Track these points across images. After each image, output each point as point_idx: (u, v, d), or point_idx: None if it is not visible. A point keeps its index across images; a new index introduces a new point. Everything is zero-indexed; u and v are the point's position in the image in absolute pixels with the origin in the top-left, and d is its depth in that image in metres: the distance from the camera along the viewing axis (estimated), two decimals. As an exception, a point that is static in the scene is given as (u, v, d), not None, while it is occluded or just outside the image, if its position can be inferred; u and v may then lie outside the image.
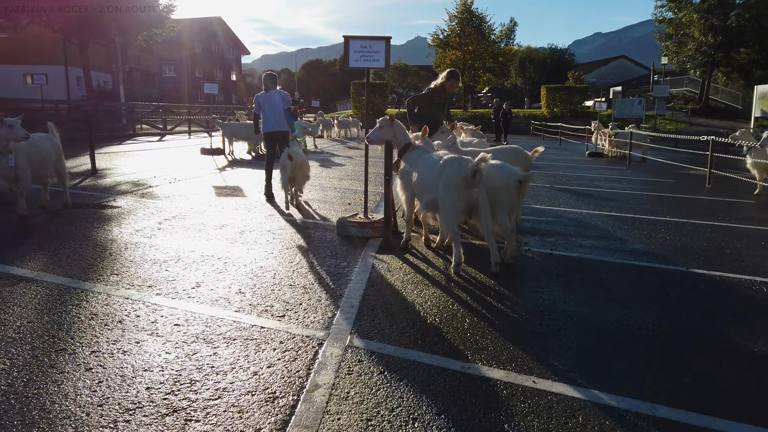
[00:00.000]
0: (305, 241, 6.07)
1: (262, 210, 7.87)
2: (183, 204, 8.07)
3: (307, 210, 8.01)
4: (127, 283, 4.45)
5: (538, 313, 4.08)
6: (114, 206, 7.73)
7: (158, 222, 6.81)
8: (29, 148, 6.85)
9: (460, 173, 4.84)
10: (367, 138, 6.03)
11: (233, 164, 14.03)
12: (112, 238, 5.92)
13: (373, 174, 12.07)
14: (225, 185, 10.21)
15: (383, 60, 6.26)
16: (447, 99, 7.55)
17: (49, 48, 33.61)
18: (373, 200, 8.87)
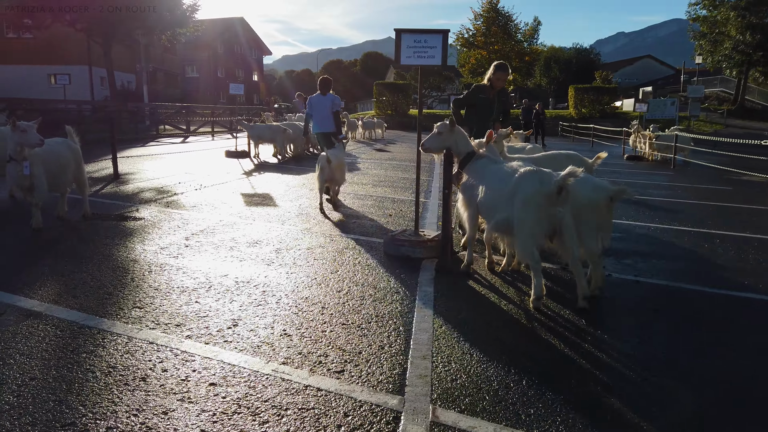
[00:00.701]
0: (350, 263, 5.33)
1: (297, 223, 7.17)
2: (211, 215, 7.41)
3: (346, 222, 7.29)
4: (151, 320, 3.76)
5: (655, 368, 3.30)
6: (137, 218, 7.09)
7: (185, 237, 6.14)
8: (46, 155, 6.24)
9: (542, 189, 4.07)
10: (422, 145, 5.28)
11: (260, 168, 13.39)
12: (135, 258, 5.26)
13: (405, 180, 11.36)
14: (254, 193, 9.54)
15: (440, 56, 5.50)
16: (497, 96, 6.79)
17: (73, 48, 33.49)
18: (412, 211, 8.12)
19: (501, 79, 6.71)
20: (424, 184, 11.22)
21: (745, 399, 2.97)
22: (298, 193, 9.65)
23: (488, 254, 5.25)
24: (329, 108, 9.32)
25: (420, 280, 4.86)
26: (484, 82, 6.90)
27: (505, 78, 6.72)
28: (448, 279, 4.90)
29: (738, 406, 2.90)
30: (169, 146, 19.24)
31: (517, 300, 4.44)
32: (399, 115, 44.97)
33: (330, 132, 9.32)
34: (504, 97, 6.95)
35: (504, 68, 6.71)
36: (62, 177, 6.52)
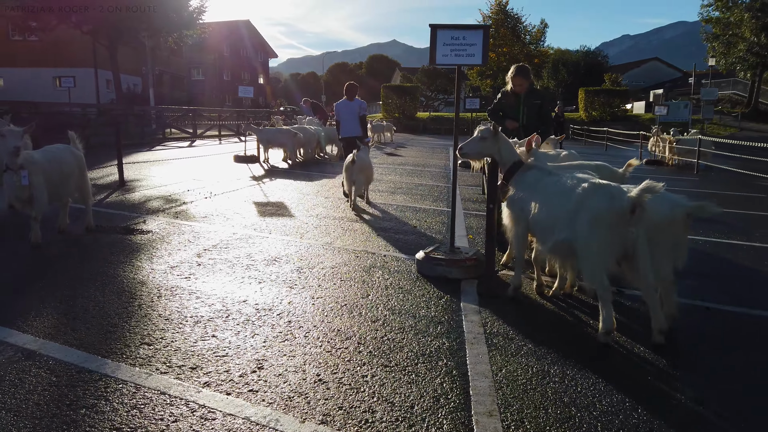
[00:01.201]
0: (381, 285, 4.79)
1: (316, 236, 6.63)
2: (223, 228, 6.87)
3: (369, 235, 6.74)
4: (162, 360, 3.22)
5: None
6: (144, 230, 6.56)
7: (197, 254, 5.61)
8: (47, 164, 5.73)
9: (613, 207, 3.52)
10: (459, 150, 4.72)
11: (270, 174, 12.87)
12: (142, 280, 4.72)
13: (422, 187, 11.03)
14: (267, 201, 9.01)
15: (480, 55, 4.96)
16: (522, 101, 6.20)
17: (78, 50, 33.10)
18: (437, 221, 7.58)
19: (520, 84, 6.12)
20: (443, 192, 10.67)
21: None
22: (313, 201, 9.11)
23: (537, 276, 4.69)
24: (356, 113, 9.64)
25: (463, 306, 4.30)
26: (507, 88, 6.36)
27: (521, 82, 6.11)
28: (494, 305, 4.34)
29: None
30: (176, 150, 18.76)
31: (582, 333, 3.88)
32: (406, 118, 44.41)
33: (356, 136, 9.51)
34: (536, 100, 6.28)
35: (521, 72, 6.13)
36: (64, 187, 6.00)
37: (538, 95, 6.34)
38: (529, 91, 6.24)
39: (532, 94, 6.26)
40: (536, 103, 6.25)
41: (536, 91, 6.34)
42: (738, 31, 39.34)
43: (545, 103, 6.36)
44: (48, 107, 19.41)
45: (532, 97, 6.26)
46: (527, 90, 6.21)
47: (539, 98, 6.32)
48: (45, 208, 5.66)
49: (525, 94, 6.21)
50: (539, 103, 6.28)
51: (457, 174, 5.45)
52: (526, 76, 6.16)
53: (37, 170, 5.56)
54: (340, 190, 10.31)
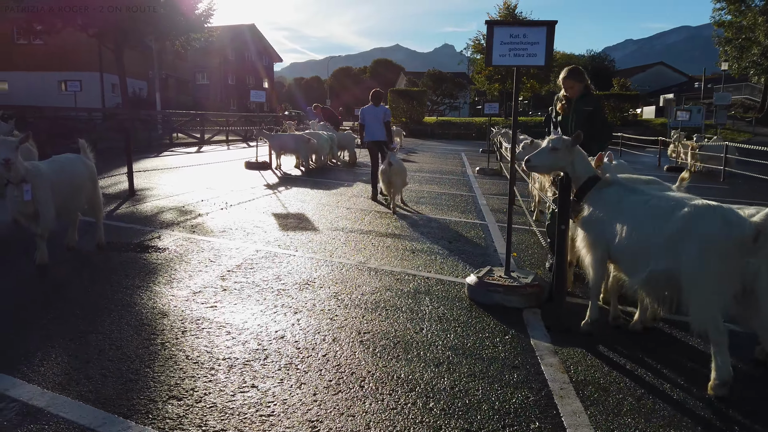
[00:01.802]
0: (433, 316, 4.21)
1: (348, 254, 6.07)
2: (245, 244, 6.32)
3: (405, 252, 6.17)
4: (197, 423, 2.65)
5: None
6: (160, 248, 6.00)
7: (220, 276, 5.05)
8: (56, 176, 5.18)
9: (731, 233, 2.95)
10: (526, 162, 4.16)
11: (285, 182, 12.32)
12: (163, 310, 4.16)
13: (446, 197, 10.20)
14: (286, 213, 8.45)
15: (543, 55, 4.39)
16: (574, 108, 5.56)
17: (84, 54, 32.67)
18: (473, 236, 7.00)
19: (571, 87, 5.41)
20: (468, 202, 10.10)
21: None
22: (335, 213, 8.55)
23: (613, 306, 4.11)
24: (381, 119, 9.93)
25: (535, 345, 3.72)
26: (560, 93, 5.71)
27: (574, 85, 5.39)
28: (570, 342, 3.77)
29: None
30: (185, 157, 18.24)
31: (688, 380, 3.30)
32: (413, 123, 43.89)
33: (382, 141, 9.91)
34: (588, 106, 5.44)
35: (573, 74, 5.41)
36: (75, 201, 5.46)
37: (591, 101, 5.60)
38: (582, 95, 5.57)
39: (584, 99, 5.57)
40: (587, 110, 5.54)
41: (589, 96, 5.58)
42: (752, 35, 38.74)
43: (597, 111, 5.61)
44: (53, 112, 18.94)
45: (584, 103, 5.56)
46: (579, 94, 5.56)
47: (591, 104, 5.59)
48: (52, 225, 5.11)
49: (576, 99, 5.58)
50: (590, 110, 5.56)
51: (514, 190, 4.87)
52: (579, 78, 5.48)
53: (44, 183, 5.01)
54: (361, 200, 9.79)
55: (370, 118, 10.01)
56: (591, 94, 5.60)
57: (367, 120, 10.05)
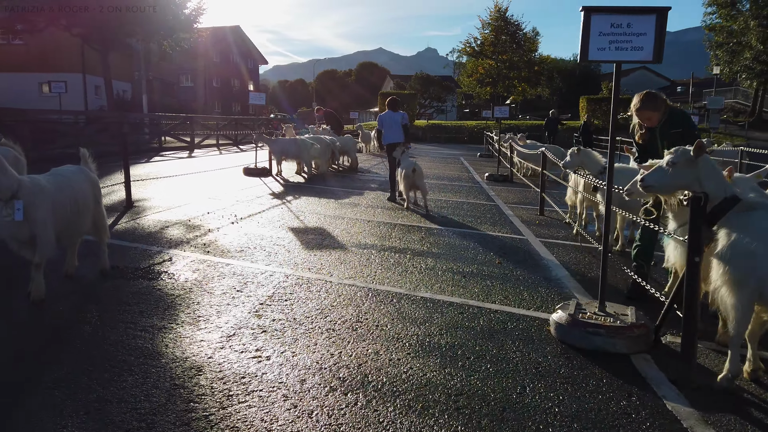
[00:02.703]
0: (528, 367, 3.45)
1: (390, 279, 5.28)
2: (271, 267, 5.50)
3: (454, 277, 5.41)
4: None
5: None
6: (173, 273, 5.17)
7: (254, 311, 4.24)
8: (56, 192, 4.34)
9: None
10: (642, 182, 3.41)
11: (290, 190, 11.49)
12: (196, 362, 3.34)
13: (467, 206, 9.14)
14: (304, 227, 7.64)
15: (651, 48, 3.66)
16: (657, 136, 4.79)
17: (65, 55, 31.36)
18: (519, 254, 6.26)
19: (645, 117, 4.70)
20: (493, 212, 9.37)
21: None
22: (357, 227, 7.76)
23: (753, 357, 3.38)
24: (399, 122, 10.43)
25: (675, 411, 2.97)
26: (634, 122, 4.97)
27: (652, 116, 4.67)
28: (719, 408, 3.03)
29: None
30: (177, 162, 17.29)
31: None
32: (404, 127, 43.12)
33: (400, 142, 10.35)
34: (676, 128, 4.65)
35: (647, 104, 4.64)
36: (79, 222, 4.61)
37: (677, 121, 4.74)
38: (665, 121, 4.79)
39: (669, 122, 4.73)
40: (676, 133, 4.72)
41: (674, 117, 4.76)
42: (743, 39, 38.71)
43: (688, 130, 4.79)
44: (36, 114, 17.84)
45: (670, 126, 4.71)
46: (662, 121, 4.79)
47: (679, 124, 4.71)
48: (51, 251, 4.26)
49: (660, 126, 4.81)
50: (680, 132, 4.74)
51: (610, 209, 4.11)
52: (655, 105, 4.62)
53: (42, 201, 4.16)
54: (379, 211, 9.06)
55: (389, 123, 10.49)
56: (675, 113, 4.83)
57: (385, 125, 10.54)
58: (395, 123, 10.44)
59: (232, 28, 65.92)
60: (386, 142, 10.59)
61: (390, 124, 10.47)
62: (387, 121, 10.51)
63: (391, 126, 10.46)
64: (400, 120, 10.46)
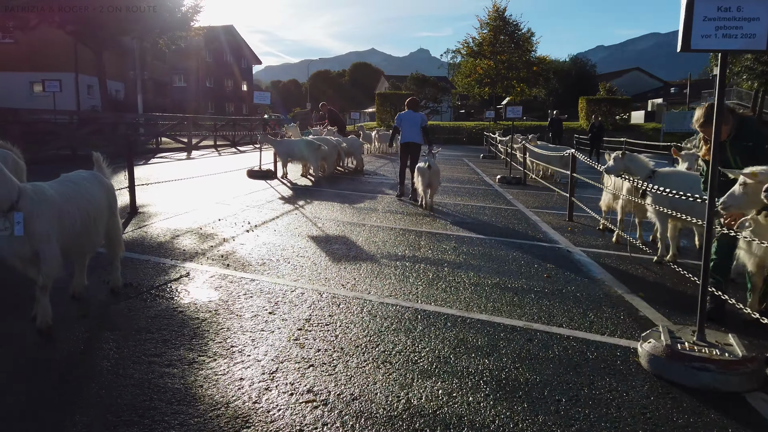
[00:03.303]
0: (633, 411, 2.92)
1: (435, 297, 4.75)
2: (300, 283, 4.95)
3: (504, 294, 4.87)
4: None
5: None
6: (193, 291, 4.61)
7: (293, 339, 3.69)
8: (66, 202, 3.76)
9: None
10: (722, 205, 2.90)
11: (300, 194, 10.93)
12: (239, 410, 2.79)
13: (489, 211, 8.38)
14: (325, 235, 7.09)
15: (765, 34, 3.14)
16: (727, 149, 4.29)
17: (58, 53, 30.57)
18: (565, 266, 5.74)
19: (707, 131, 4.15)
20: (519, 218, 8.84)
21: None
22: (381, 235, 7.22)
23: None
24: (419, 123, 10.42)
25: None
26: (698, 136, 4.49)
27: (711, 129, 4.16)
28: None
29: None
30: (176, 164, 16.69)
31: None
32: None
33: (417, 143, 10.53)
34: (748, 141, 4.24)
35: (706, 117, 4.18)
36: (91, 236, 4.03)
37: (749, 134, 4.29)
38: (736, 133, 4.31)
39: (740, 135, 4.30)
40: (747, 146, 4.24)
41: (745, 128, 4.30)
42: (744, 39, 38.43)
43: (760, 141, 4.30)
44: (28, 115, 17.15)
45: (741, 139, 4.27)
46: (733, 134, 4.31)
47: (751, 137, 4.27)
48: (58, 271, 3.67)
49: (730, 139, 4.32)
50: (751, 146, 4.23)
51: (712, 222, 3.58)
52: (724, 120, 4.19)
53: (47, 213, 3.58)
54: (398, 216, 8.52)
55: (408, 122, 10.43)
56: (745, 124, 4.33)
57: (404, 124, 10.46)
58: (414, 123, 10.41)
59: (226, 27, 65.12)
60: (403, 141, 10.59)
61: (409, 124, 10.43)
62: (406, 121, 10.44)
63: (410, 126, 10.41)
64: (420, 121, 10.41)
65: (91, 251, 4.33)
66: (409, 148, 10.59)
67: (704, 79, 68.08)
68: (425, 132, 10.47)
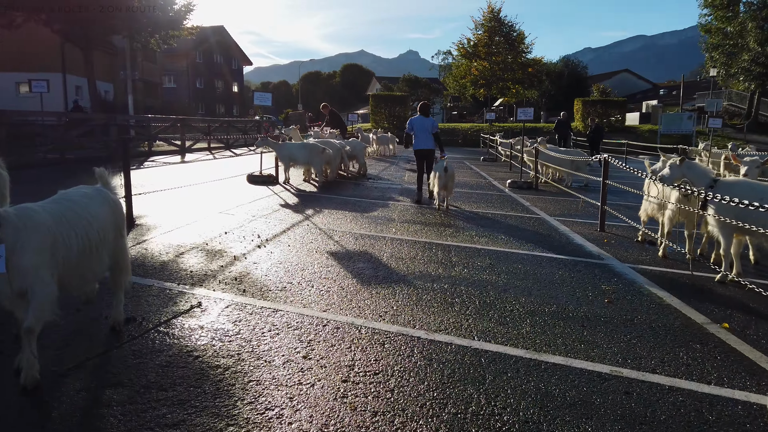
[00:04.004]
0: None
1: (492, 331, 4.07)
2: (332, 314, 4.25)
3: (571, 326, 4.20)
4: None
5: None
6: (208, 327, 3.88)
7: (341, 397, 2.99)
8: (56, 225, 3.05)
9: None
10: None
11: (306, 201, 10.22)
12: None
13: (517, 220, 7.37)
14: (344, 251, 6.38)
15: None
16: None
17: (44, 53, 29.52)
18: (622, 291, 5.06)
19: None
20: (548, 229, 8.18)
21: None
22: (405, 250, 6.53)
23: None
24: (429, 129, 10.45)
25: None
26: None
27: None
28: None
29: None
30: (171, 169, 15.89)
31: None
32: (396, 128, 41.98)
33: (431, 149, 10.55)
34: None
35: None
36: (93, 263, 3.31)
37: None
38: None
39: None
40: None
41: None
42: (741, 41, 38.19)
43: None
44: (12, 116, 16.25)
45: None
46: None
47: None
48: (51, 310, 2.95)
49: None
50: None
51: None
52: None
53: (33, 242, 2.87)
54: (417, 227, 7.84)
55: (420, 128, 10.45)
56: None
57: (416, 130, 10.49)
58: (426, 130, 10.44)
59: (216, 28, 64.13)
60: (416, 148, 10.64)
61: (421, 130, 10.48)
62: (418, 127, 10.50)
63: (422, 132, 10.47)
64: (431, 128, 10.43)
65: (93, 280, 3.62)
66: (422, 155, 10.66)
67: (692, 80, 68.06)
68: (436, 138, 10.53)
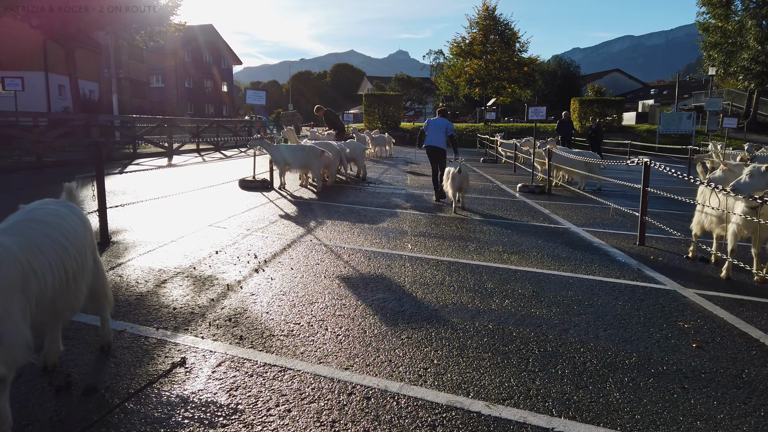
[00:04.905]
0: None
1: (564, 399, 3.11)
2: (357, 375, 3.27)
3: (642, 373, 3.25)
4: None
5: None
6: (192, 397, 2.89)
7: None
8: (25, 256, 2.13)
9: None
10: None
11: (306, 210, 9.22)
12: None
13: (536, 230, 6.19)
14: (358, 275, 5.40)
15: None
16: None
17: (24, 50, 28.31)
18: (684, 316, 4.13)
19: None
20: (579, 243, 7.24)
21: None
22: (429, 273, 5.56)
23: None
24: (443, 129, 10.75)
25: None
26: None
27: None
28: None
29: None
30: (157, 173, 14.81)
31: None
32: (390, 129, 41.00)
33: (441, 148, 10.81)
34: None
35: None
36: (69, 296, 2.41)
37: None
38: None
39: None
40: None
41: None
42: (740, 39, 37.59)
43: None
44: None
45: None
46: None
47: None
48: (23, 355, 2.09)
49: None
50: None
51: None
52: None
53: (1, 278, 1.88)
54: (435, 241, 6.86)
55: (434, 127, 10.83)
56: None
57: (430, 128, 10.88)
58: (439, 128, 10.75)
59: (204, 27, 62.86)
60: (427, 144, 10.93)
61: (434, 128, 10.79)
62: (432, 125, 10.86)
63: (435, 130, 10.79)
64: (445, 129, 10.74)
65: (71, 313, 2.67)
66: (432, 153, 10.94)
67: (682, 80, 67.74)
68: (452, 139, 10.96)
